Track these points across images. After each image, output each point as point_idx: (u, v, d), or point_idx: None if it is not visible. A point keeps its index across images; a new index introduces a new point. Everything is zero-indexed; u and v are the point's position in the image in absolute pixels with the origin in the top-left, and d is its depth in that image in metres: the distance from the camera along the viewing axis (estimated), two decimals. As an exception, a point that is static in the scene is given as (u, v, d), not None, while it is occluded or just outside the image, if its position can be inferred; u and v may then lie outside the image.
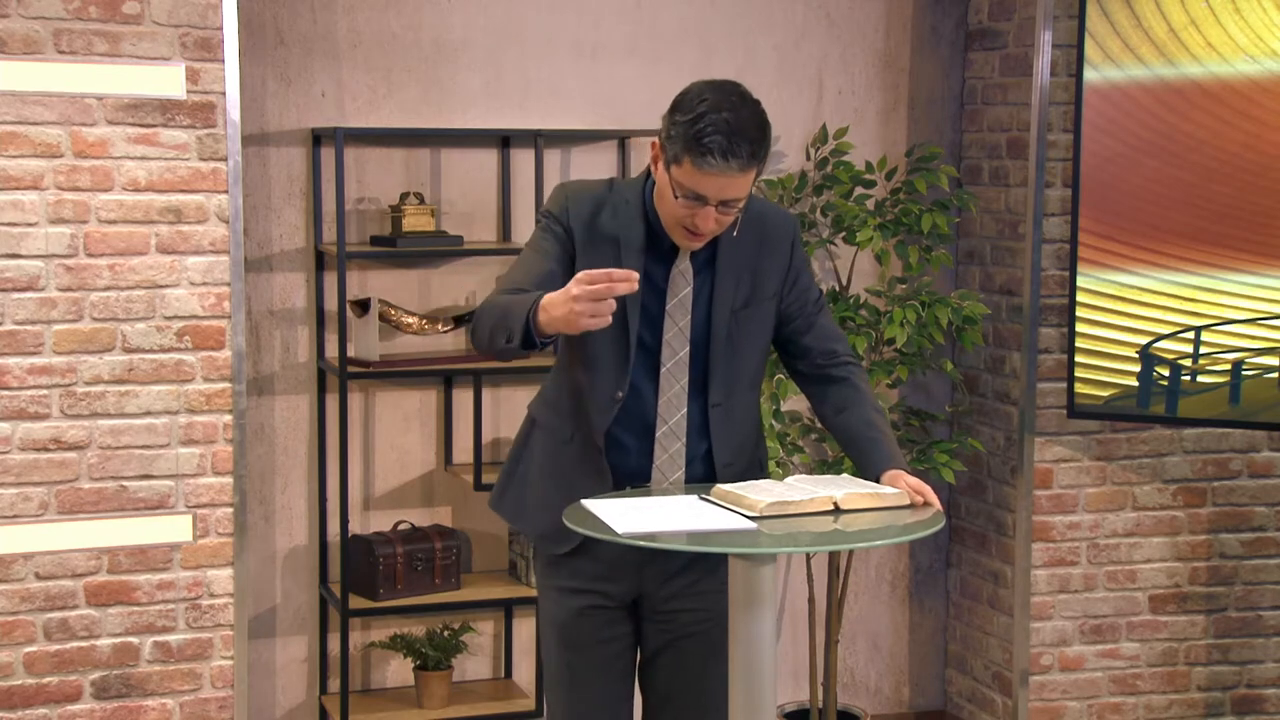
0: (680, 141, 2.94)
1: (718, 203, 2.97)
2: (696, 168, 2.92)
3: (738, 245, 3.14)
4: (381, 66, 4.69)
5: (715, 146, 2.90)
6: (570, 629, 3.23)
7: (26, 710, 4.06)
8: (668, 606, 3.22)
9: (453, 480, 4.84)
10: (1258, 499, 4.93)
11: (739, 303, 3.14)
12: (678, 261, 3.12)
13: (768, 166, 4.99)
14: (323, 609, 4.76)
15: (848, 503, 2.95)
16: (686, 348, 3.12)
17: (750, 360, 3.19)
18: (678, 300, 3.11)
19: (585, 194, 3.16)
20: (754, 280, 3.16)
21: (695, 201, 2.97)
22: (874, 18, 5.13)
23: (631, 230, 3.10)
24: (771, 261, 3.18)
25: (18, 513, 4.02)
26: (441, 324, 4.69)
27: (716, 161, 2.90)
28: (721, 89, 2.98)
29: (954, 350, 5.19)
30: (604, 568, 3.18)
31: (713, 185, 2.94)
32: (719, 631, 3.18)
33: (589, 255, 3.09)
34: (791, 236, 3.23)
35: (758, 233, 3.17)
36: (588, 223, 3.11)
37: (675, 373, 3.12)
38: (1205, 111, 4.42)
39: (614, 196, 3.15)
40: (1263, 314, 4.43)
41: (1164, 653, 4.92)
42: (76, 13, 3.97)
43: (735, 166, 2.92)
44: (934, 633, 5.40)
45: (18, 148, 3.96)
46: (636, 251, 3.09)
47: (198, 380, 4.14)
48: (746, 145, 2.93)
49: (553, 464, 3.22)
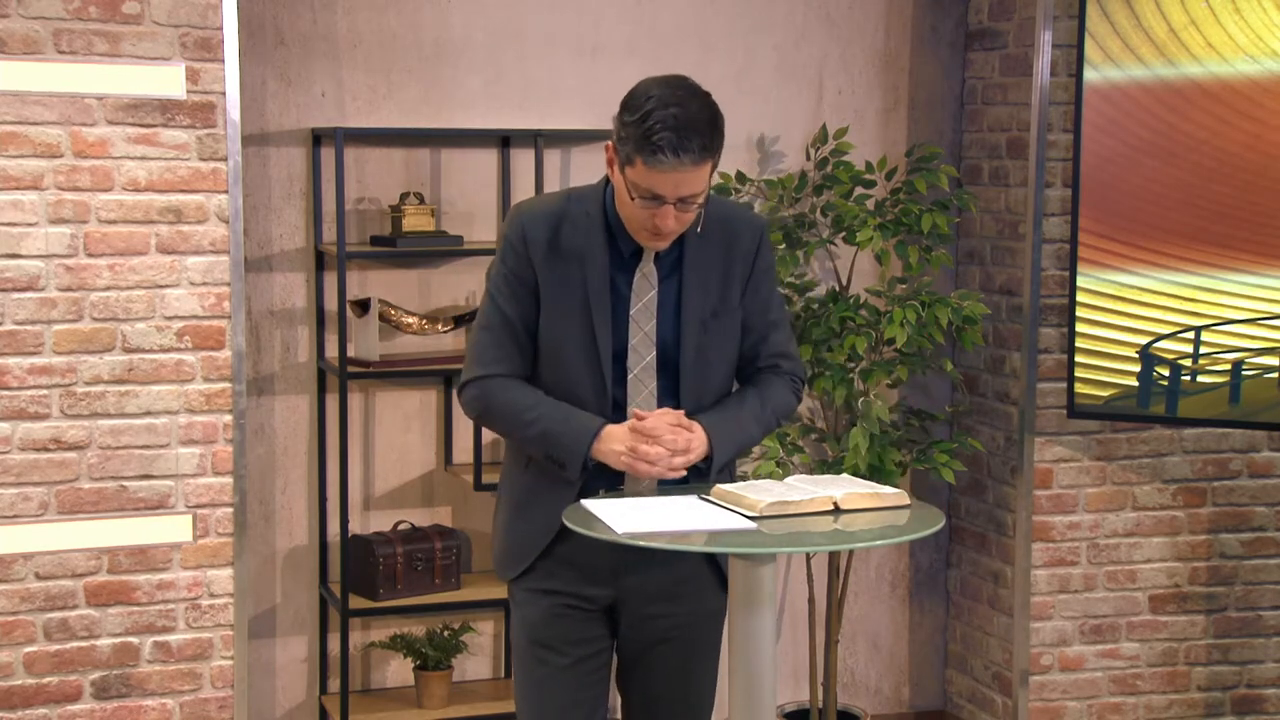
0: (631, 142, 2.90)
1: (676, 200, 2.92)
2: (649, 167, 2.88)
3: (704, 249, 3.09)
4: (381, 66, 4.69)
5: (665, 143, 2.86)
6: (542, 629, 3.15)
7: (26, 710, 4.06)
8: (646, 611, 3.16)
9: (453, 480, 4.84)
10: (1258, 499, 4.93)
11: (708, 312, 3.09)
12: (641, 264, 3.07)
13: (768, 167, 5.04)
14: (323, 609, 4.76)
15: (848, 503, 2.95)
16: (653, 352, 3.07)
17: (720, 371, 3.15)
18: (642, 305, 3.07)
19: (540, 214, 3.09)
20: (722, 286, 3.11)
21: (653, 202, 2.93)
22: (874, 18, 5.13)
23: (592, 241, 3.06)
24: (736, 268, 3.13)
25: (18, 513, 4.02)
26: (441, 324, 4.69)
27: (668, 159, 2.86)
28: (668, 84, 2.93)
29: (954, 350, 5.19)
30: (579, 574, 3.12)
31: (668, 183, 2.90)
32: (699, 632, 3.18)
33: (553, 275, 3.05)
34: (757, 242, 3.16)
35: (725, 236, 3.12)
36: (547, 244, 3.06)
37: (643, 377, 3.08)
38: (1205, 111, 4.42)
39: (571, 208, 3.09)
40: (1263, 314, 4.43)
41: (1164, 653, 4.92)
42: (76, 13, 3.97)
43: (688, 161, 2.88)
44: (934, 633, 5.40)
45: (18, 148, 3.96)
46: (600, 263, 3.05)
47: (198, 380, 4.14)
48: (697, 139, 2.88)
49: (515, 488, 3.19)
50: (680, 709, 3.23)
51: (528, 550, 3.13)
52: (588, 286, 3.04)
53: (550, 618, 3.14)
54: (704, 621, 3.20)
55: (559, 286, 3.05)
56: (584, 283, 3.04)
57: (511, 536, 3.18)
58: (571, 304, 3.05)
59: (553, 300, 3.05)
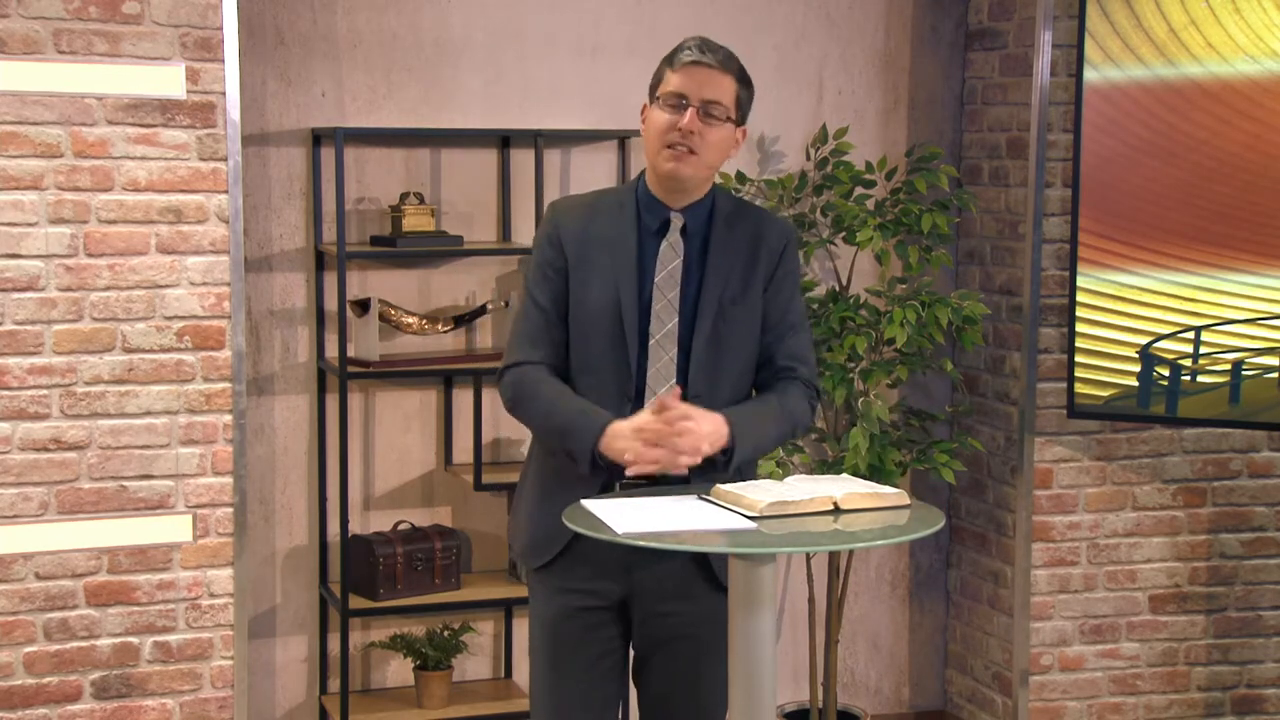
0: (661, 66, 3.17)
1: (699, 102, 3.10)
2: (674, 69, 3.13)
3: (730, 239, 3.19)
4: (381, 66, 4.69)
5: (691, 44, 3.14)
6: (558, 627, 3.22)
7: (26, 710, 4.06)
8: (658, 609, 3.20)
9: (453, 480, 4.84)
10: (1258, 499, 4.93)
11: (727, 299, 3.17)
12: (668, 235, 3.18)
13: (768, 167, 5.04)
14: (323, 609, 4.76)
15: (848, 502, 2.95)
16: (675, 319, 3.15)
17: (732, 362, 3.19)
18: (667, 272, 3.16)
19: (575, 206, 3.28)
20: (744, 278, 3.19)
21: (678, 106, 3.11)
22: (874, 18, 5.13)
23: (622, 223, 3.19)
24: (761, 265, 3.21)
25: (18, 513, 4.02)
26: (441, 324, 4.69)
27: (693, 53, 3.11)
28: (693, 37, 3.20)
29: (954, 350, 5.19)
30: (593, 570, 3.17)
31: (692, 80, 3.11)
32: (710, 631, 3.19)
33: (584, 258, 3.17)
34: (784, 244, 3.25)
35: (754, 234, 3.22)
36: (580, 233, 3.20)
37: (664, 344, 3.15)
38: (1205, 111, 4.42)
39: (604, 200, 3.28)
40: (1263, 314, 4.43)
41: (1164, 653, 4.92)
42: (76, 13, 3.97)
43: (711, 60, 3.11)
44: (934, 633, 5.40)
45: (18, 148, 3.96)
46: (628, 241, 3.17)
47: (198, 380, 4.14)
48: (721, 50, 3.14)
49: (543, 474, 3.25)
50: (692, 709, 3.25)
51: (555, 539, 3.17)
52: (614, 261, 3.16)
53: (564, 617, 3.21)
54: (716, 621, 3.20)
55: (589, 267, 3.17)
56: (612, 259, 3.16)
57: (539, 524, 3.22)
58: (600, 280, 3.16)
59: (582, 279, 3.17)
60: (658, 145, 3.14)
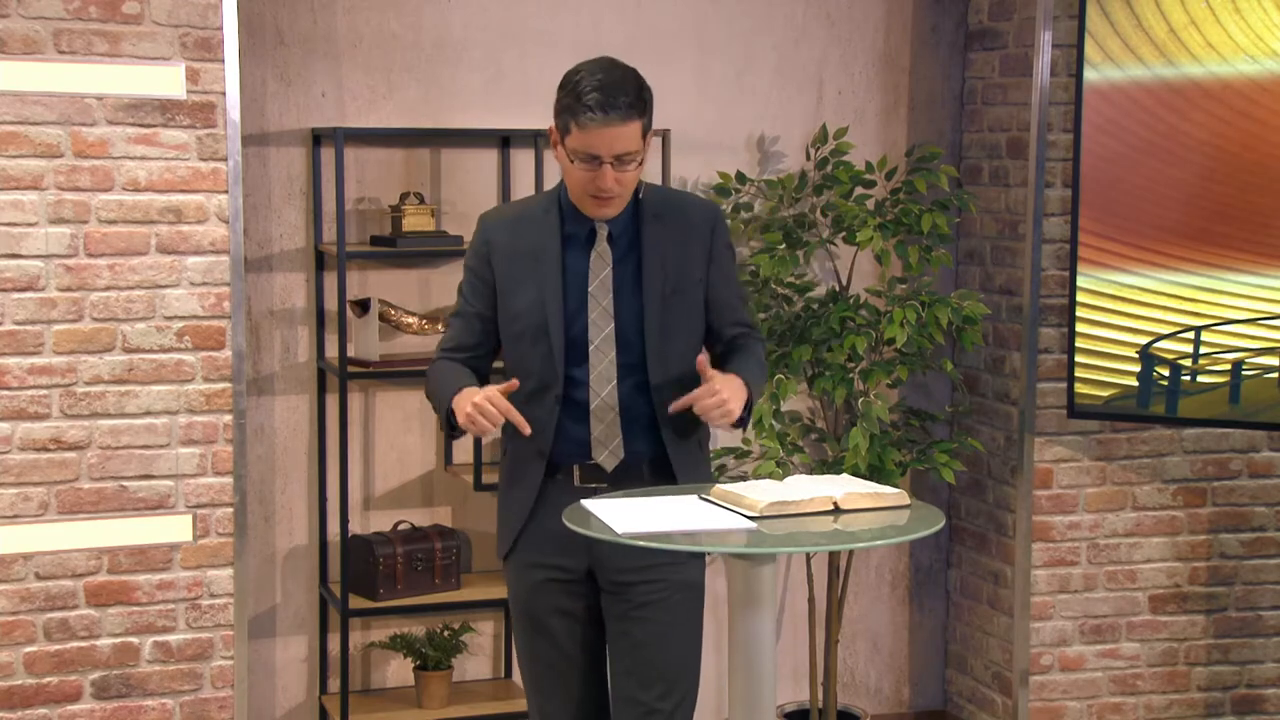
0: (565, 112, 3.15)
1: (612, 158, 3.14)
2: (581, 128, 3.12)
3: (660, 231, 3.30)
4: (381, 66, 4.69)
5: (594, 103, 3.10)
6: (530, 601, 3.36)
7: (26, 710, 4.06)
8: (621, 579, 3.29)
9: (453, 480, 4.84)
10: (1258, 499, 4.93)
11: (669, 290, 3.28)
12: (596, 245, 3.27)
13: (768, 167, 5.04)
14: (323, 609, 4.76)
15: (847, 502, 2.96)
16: (611, 324, 3.25)
17: (682, 344, 3.31)
18: (599, 281, 3.27)
19: (501, 218, 3.40)
20: (680, 265, 3.30)
21: (592, 163, 3.15)
22: (874, 18, 5.13)
23: (547, 233, 3.29)
24: (694, 249, 3.33)
25: (18, 513, 4.02)
26: (441, 324, 4.69)
27: (597, 115, 3.10)
28: (594, 61, 3.21)
29: (954, 350, 5.19)
30: (555, 546, 3.29)
31: (601, 141, 3.12)
32: (679, 598, 3.29)
33: (510, 271, 3.30)
34: (712, 223, 3.37)
35: (680, 221, 3.33)
36: (507, 244, 3.32)
37: (603, 348, 3.26)
38: (1205, 111, 4.42)
39: (530, 209, 3.38)
40: (1263, 314, 4.43)
41: (1164, 653, 4.92)
42: (76, 13, 3.97)
43: (616, 118, 3.10)
44: (934, 633, 5.40)
45: (18, 148, 3.96)
46: (553, 250, 3.27)
47: (198, 380, 4.14)
48: (622, 97, 3.11)
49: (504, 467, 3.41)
50: (656, 678, 3.29)
51: (512, 526, 3.35)
52: (540, 271, 3.26)
53: (535, 589, 3.35)
54: (681, 592, 3.31)
55: (516, 279, 3.30)
56: (538, 270, 3.27)
57: (500, 517, 3.42)
58: (528, 290, 3.28)
59: (510, 292, 3.31)
60: (579, 194, 3.23)
